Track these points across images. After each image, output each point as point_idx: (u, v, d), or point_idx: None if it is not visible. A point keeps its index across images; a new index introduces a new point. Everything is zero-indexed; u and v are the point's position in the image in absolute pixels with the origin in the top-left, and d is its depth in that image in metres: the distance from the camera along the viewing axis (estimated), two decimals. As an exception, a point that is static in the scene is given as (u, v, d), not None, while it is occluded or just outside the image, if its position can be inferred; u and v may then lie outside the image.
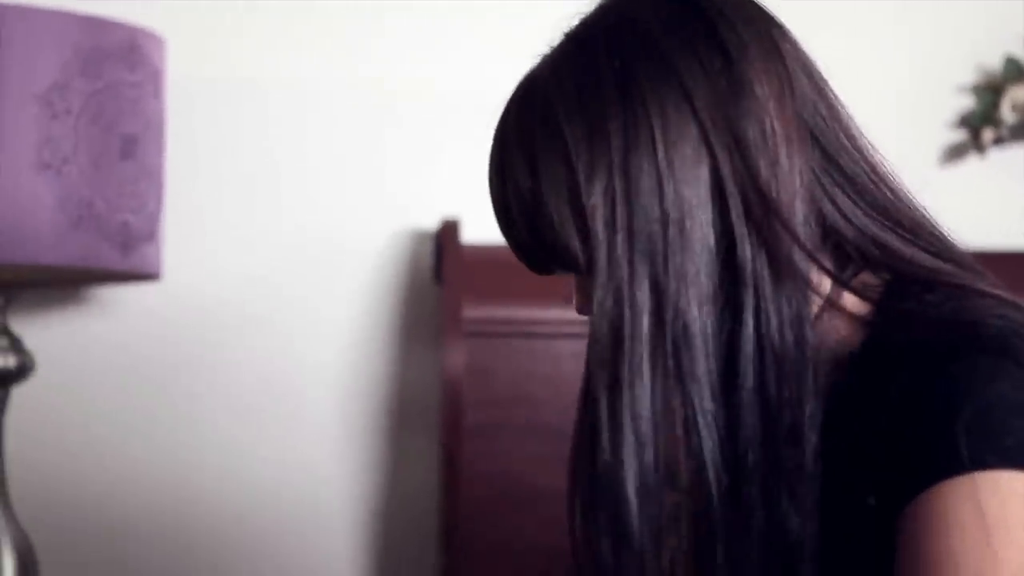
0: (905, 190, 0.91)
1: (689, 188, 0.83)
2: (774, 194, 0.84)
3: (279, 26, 2.04)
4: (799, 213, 0.85)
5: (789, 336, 0.83)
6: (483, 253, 1.96)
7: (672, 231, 0.83)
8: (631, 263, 0.83)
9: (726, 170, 0.83)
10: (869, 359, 0.86)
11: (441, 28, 2.06)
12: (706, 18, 0.87)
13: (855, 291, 0.88)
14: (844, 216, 0.88)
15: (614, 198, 0.83)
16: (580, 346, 1.94)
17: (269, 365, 2.02)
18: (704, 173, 0.83)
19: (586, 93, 0.85)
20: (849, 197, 0.88)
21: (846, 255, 0.89)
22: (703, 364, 0.83)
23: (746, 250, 0.83)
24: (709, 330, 0.83)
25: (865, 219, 0.88)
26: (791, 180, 0.85)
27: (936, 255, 0.89)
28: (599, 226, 0.84)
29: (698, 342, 0.83)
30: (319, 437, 2.03)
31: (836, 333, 0.88)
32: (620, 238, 0.83)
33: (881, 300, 0.88)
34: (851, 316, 0.88)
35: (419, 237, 2.05)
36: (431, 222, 2.03)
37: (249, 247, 2.03)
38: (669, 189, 0.83)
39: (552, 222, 0.85)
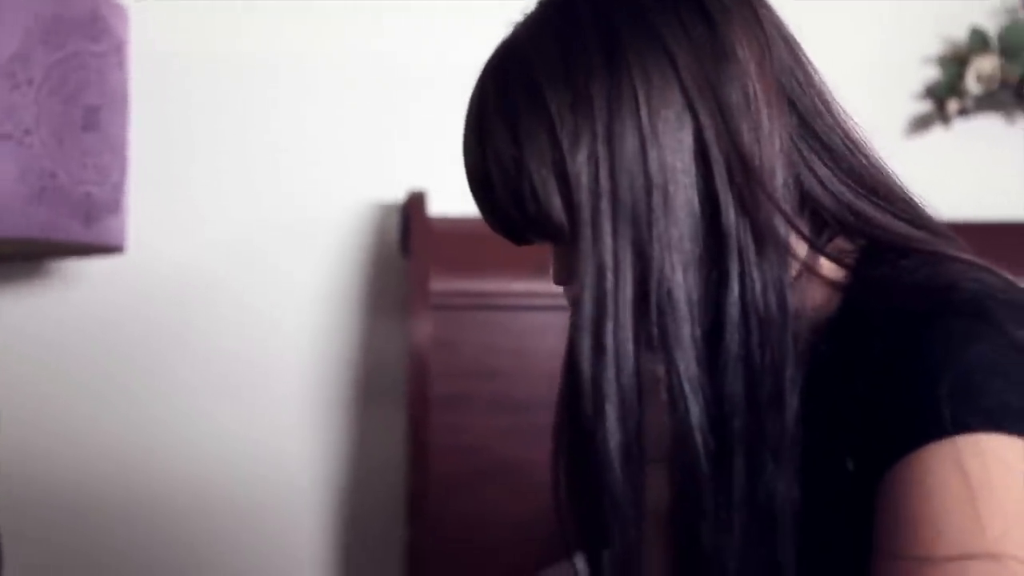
0: (878, 157, 0.91)
1: (673, 153, 0.83)
2: (756, 160, 0.84)
3: (243, -4, 2.02)
4: (779, 178, 0.85)
5: (773, 301, 0.84)
6: (450, 225, 1.95)
7: (656, 197, 0.83)
8: (615, 230, 0.83)
9: (710, 135, 0.83)
10: (845, 325, 0.86)
11: (407, 1, 2.05)
12: None
13: (831, 257, 0.88)
14: (820, 182, 0.88)
15: (597, 165, 0.83)
16: (546, 319, 1.96)
17: (234, 338, 2.01)
18: (687, 138, 0.83)
19: (569, 59, 0.84)
20: (825, 164, 0.88)
21: (822, 221, 0.89)
22: (687, 330, 0.83)
23: (730, 216, 0.83)
24: (694, 296, 0.83)
25: (841, 186, 0.88)
26: (772, 145, 0.85)
27: (910, 222, 0.89)
28: (583, 194, 0.83)
29: (682, 308, 0.83)
30: (286, 409, 2.03)
31: (811, 299, 0.88)
32: (604, 205, 0.83)
33: (856, 266, 0.89)
34: (826, 282, 0.88)
35: (385, 209, 2.05)
36: (397, 194, 2.02)
37: (214, 220, 2.02)
38: (653, 155, 0.83)
39: (535, 190, 0.84)
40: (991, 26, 2.10)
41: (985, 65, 2.07)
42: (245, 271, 2.02)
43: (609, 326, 0.83)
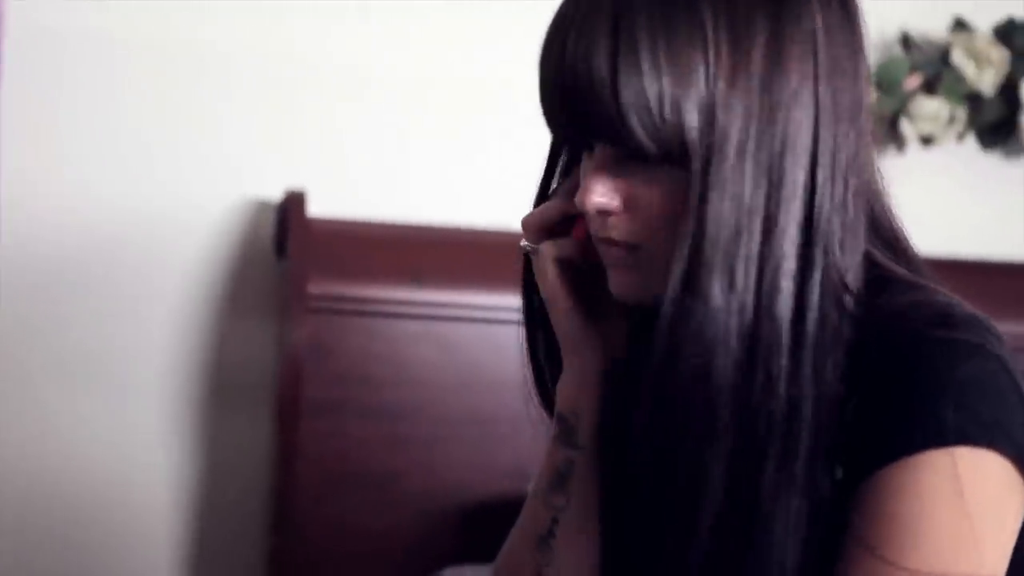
0: (892, 202, 0.95)
1: (800, 127, 0.86)
2: (855, 160, 0.88)
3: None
4: (865, 184, 0.89)
5: (842, 297, 0.88)
6: (329, 227, 1.93)
7: (788, 159, 0.85)
8: (755, 178, 0.85)
9: (825, 119, 0.86)
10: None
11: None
12: None
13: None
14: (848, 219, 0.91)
15: (750, 113, 0.85)
16: (423, 328, 1.94)
17: (97, 333, 1.97)
18: (809, 119, 0.86)
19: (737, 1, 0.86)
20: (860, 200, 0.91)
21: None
22: (787, 292, 0.86)
23: (824, 206, 0.86)
24: (793, 265, 0.86)
25: (863, 232, 0.91)
26: (866, 152, 0.89)
27: (905, 267, 0.94)
28: (733, 134, 0.84)
29: (786, 267, 0.85)
30: (147, 408, 1.98)
31: None
32: (751, 147, 0.84)
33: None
34: None
35: (261, 207, 2.02)
36: (274, 193, 1.99)
37: (82, 209, 1.97)
38: (796, 116, 0.85)
39: (677, 102, 0.84)
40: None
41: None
42: (112, 263, 1.97)
43: (741, 263, 0.85)
